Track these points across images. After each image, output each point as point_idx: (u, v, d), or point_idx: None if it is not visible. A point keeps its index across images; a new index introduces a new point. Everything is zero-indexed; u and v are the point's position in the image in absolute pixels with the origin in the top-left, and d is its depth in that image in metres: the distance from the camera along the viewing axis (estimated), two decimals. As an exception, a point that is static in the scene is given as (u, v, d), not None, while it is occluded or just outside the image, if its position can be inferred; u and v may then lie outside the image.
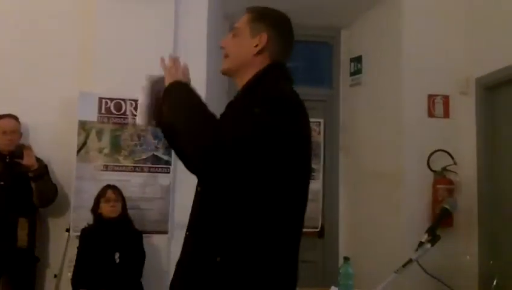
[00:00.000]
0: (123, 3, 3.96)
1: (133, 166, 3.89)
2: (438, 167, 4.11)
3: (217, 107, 1.67)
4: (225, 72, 1.88)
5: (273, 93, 1.66)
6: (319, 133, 4.75)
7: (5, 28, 4.07)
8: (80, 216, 3.76)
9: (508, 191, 3.81)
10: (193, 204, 1.77)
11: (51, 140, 3.97)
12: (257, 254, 1.61)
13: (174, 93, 1.69)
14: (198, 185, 1.75)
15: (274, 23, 1.81)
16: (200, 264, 1.64)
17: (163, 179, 3.91)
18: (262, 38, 1.78)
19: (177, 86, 1.71)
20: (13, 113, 3.79)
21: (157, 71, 1.77)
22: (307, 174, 1.75)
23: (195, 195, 1.77)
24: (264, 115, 1.55)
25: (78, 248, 3.56)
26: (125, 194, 3.69)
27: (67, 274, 3.74)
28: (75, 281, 3.50)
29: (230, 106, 1.77)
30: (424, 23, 4.25)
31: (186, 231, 1.74)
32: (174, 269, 1.76)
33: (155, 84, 1.77)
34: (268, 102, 1.60)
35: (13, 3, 4.13)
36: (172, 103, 1.67)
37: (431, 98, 4.23)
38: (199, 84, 3.93)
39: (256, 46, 1.78)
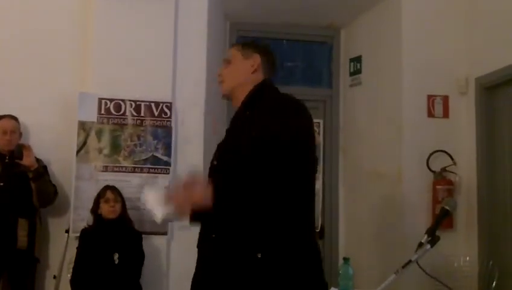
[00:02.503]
0: (123, 2, 3.96)
1: (133, 167, 3.90)
2: (437, 167, 4.11)
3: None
4: (226, 94, 2.12)
5: (286, 99, 1.93)
6: (319, 133, 4.75)
7: (4, 27, 4.06)
8: (79, 216, 3.77)
9: (508, 192, 3.81)
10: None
11: (51, 141, 3.97)
12: (294, 249, 1.81)
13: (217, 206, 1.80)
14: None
15: (263, 48, 2.12)
16: (241, 261, 1.77)
17: (162, 180, 3.91)
18: (256, 60, 2.06)
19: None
20: (13, 114, 3.79)
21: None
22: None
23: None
24: (290, 120, 1.83)
25: (77, 248, 3.57)
26: (125, 194, 3.69)
27: (67, 275, 3.74)
28: (74, 282, 3.50)
29: (235, 122, 2.02)
30: (424, 23, 4.24)
31: (212, 234, 1.87)
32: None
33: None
34: (287, 107, 1.88)
35: (13, 3, 4.13)
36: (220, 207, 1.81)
37: (430, 98, 4.22)
38: (199, 84, 4.00)
39: (252, 66, 2.05)
